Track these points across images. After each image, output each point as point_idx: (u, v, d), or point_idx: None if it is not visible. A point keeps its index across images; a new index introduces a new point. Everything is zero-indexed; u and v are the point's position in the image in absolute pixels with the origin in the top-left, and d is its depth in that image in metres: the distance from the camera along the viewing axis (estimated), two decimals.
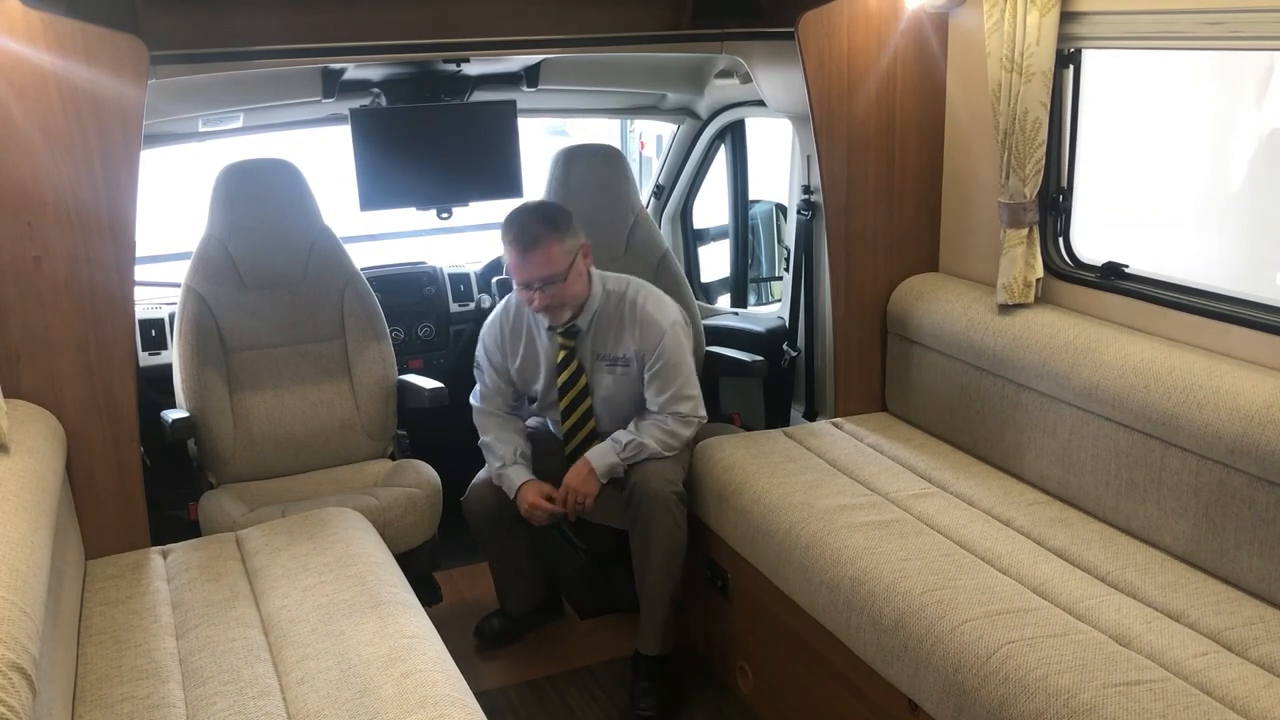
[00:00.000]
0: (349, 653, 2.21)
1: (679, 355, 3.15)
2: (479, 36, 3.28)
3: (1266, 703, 2.03)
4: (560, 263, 3.00)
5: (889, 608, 2.45)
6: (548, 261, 2.98)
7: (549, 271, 2.99)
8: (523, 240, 2.99)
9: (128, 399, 2.74)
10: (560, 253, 3.00)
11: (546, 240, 2.98)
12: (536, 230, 2.98)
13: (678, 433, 3.16)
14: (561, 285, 3.02)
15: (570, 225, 3.05)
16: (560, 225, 3.02)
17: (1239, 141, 3.38)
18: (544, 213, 3.08)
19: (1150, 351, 2.64)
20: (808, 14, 3.14)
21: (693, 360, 3.23)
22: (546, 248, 2.97)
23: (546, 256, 2.98)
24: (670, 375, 3.15)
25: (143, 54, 2.58)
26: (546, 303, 3.03)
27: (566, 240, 3.02)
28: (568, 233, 3.03)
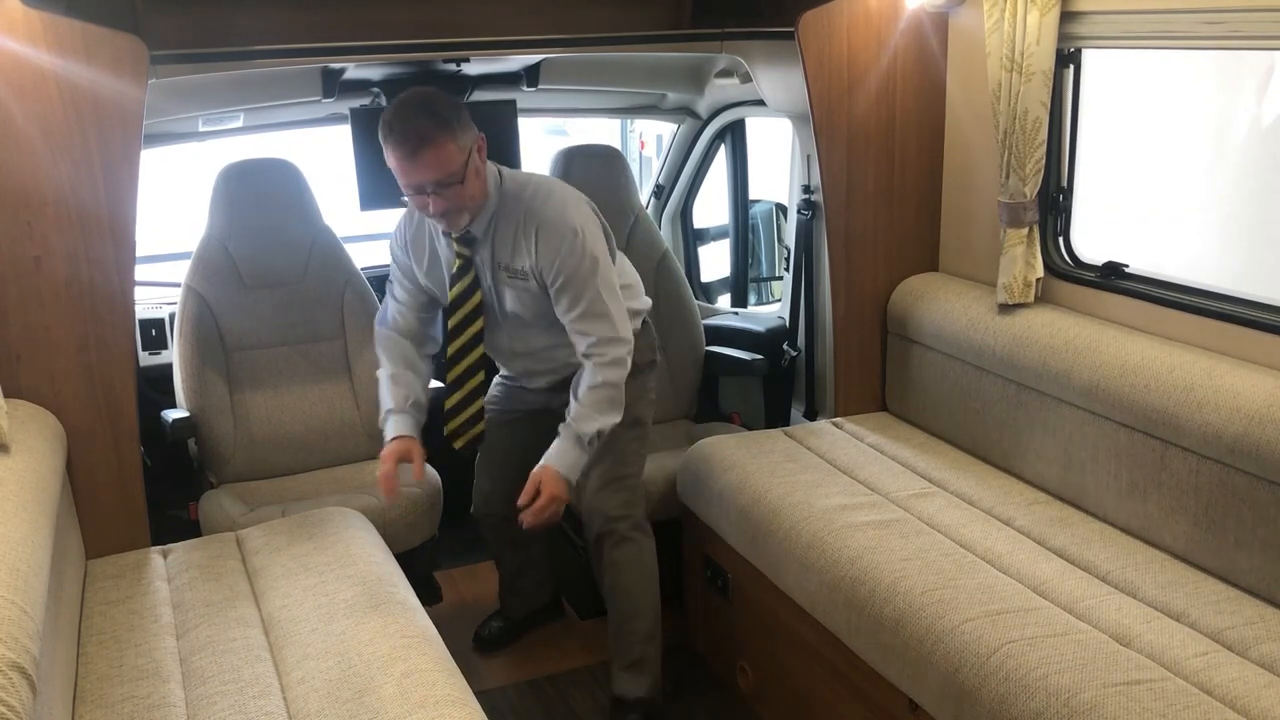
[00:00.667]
0: (349, 653, 2.21)
1: (583, 266, 2.69)
2: (479, 36, 3.28)
3: (1266, 702, 2.03)
4: (455, 161, 2.56)
5: (889, 607, 2.45)
6: (440, 162, 2.55)
7: (443, 173, 2.56)
8: (409, 140, 2.53)
9: (128, 399, 2.74)
10: (455, 150, 2.56)
11: (437, 138, 2.53)
12: (425, 128, 2.53)
13: (608, 379, 2.73)
14: (459, 187, 2.60)
15: (462, 117, 2.60)
16: (451, 119, 2.56)
17: (1239, 141, 3.38)
18: (431, 106, 2.57)
19: (1150, 351, 2.64)
20: (808, 14, 3.14)
21: (611, 271, 2.78)
22: (438, 146, 2.53)
23: (438, 156, 2.54)
24: (575, 293, 2.70)
25: (143, 54, 2.58)
26: (444, 208, 2.62)
27: (460, 135, 2.57)
28: (460, 126, 2.58)
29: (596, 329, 2.72)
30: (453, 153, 2.56)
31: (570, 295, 2.71)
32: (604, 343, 2.72)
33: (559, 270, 2.69)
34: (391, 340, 2.93)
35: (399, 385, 2.87)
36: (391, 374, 2.88)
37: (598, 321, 2.72)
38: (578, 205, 2.76)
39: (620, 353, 2.74)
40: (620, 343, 2.74)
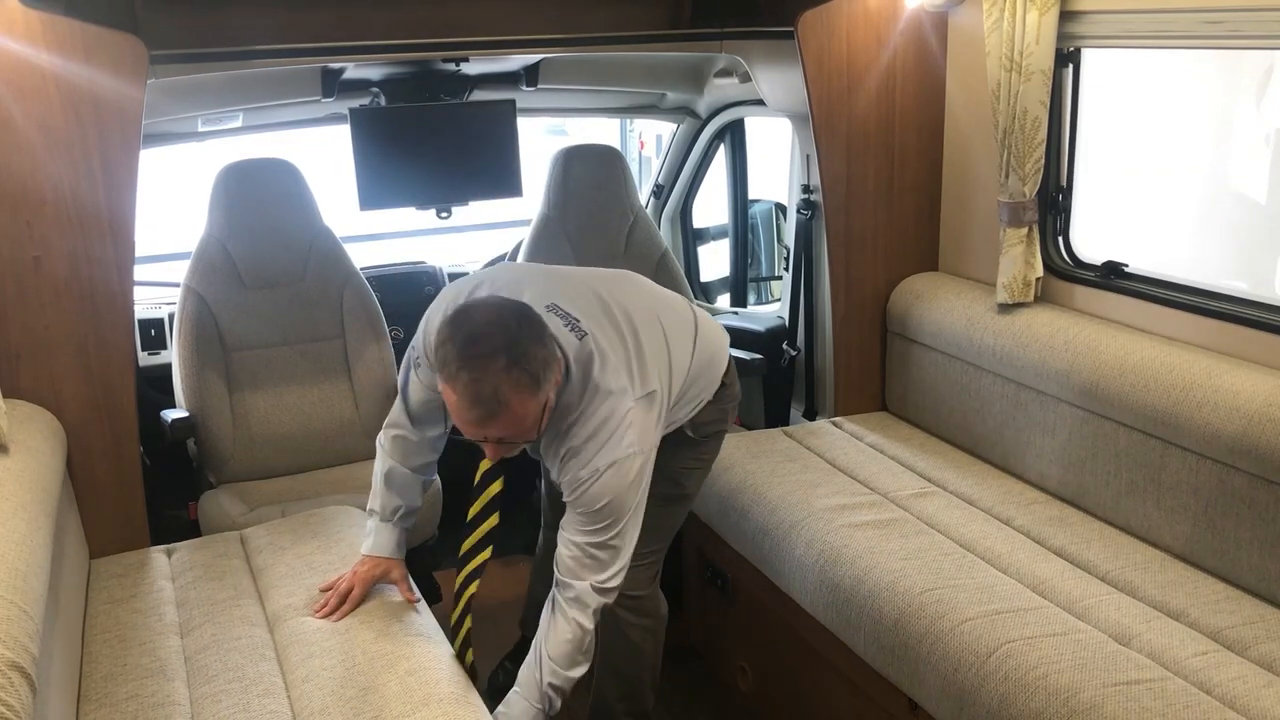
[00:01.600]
0: (353, 651, 2.21)
1: (604, 499, 2.14)
2: (478, 36, 3.28)
3: (1266, 702, 2.03)
4: (533, 416, 2.04)
5: (889, 607, 2.45)
6: (517, 423, 2.02)
7: (516, 433, 2.06)
8: (480, 405, 1.97)
9: (127, 399, 2.74)
10: (535, 407, 2.02)
11: (520, 402, 1.99)
12: (505, 391, 1.96)
13: (586, 640, 2.21)
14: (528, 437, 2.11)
15: (549, 362, 2.02)
16: (539, 372, 1.99)
17: (1239, 141, 3.38)
18: (517, 356, 1.97)
19: (1150, 350, 2.64)
20: (807, 13, 3.14)
21: (634, 498, 2.18)
22: (520, 410, 2.00)
23: (516, 419, 2.01)
24: (588, 516, 2.17)
25: (142, 53, 2.58)
26: (503, 455, 2.16)
27: (545, 385, 2.01)
28: (547, 374, 2.02)
29: (592, 574, 2.18)
30: (533, 411, 2.03)
31: (581, 515, 2.18)
32: (596, 591, 2.19)
33: (577, 496, 2.17)
34: (399, 437, 2.47)
35: (391, 489, 2.45)
36: (387, 471, 2.45)
37: (597, 568, 2.19)
38: (619, 439, 2.14)
39: (608, 602, 2.24)
40: (611, 593, 2.23)
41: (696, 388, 2.49)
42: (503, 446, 2.11)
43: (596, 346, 2.16)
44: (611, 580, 2.19)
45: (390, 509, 2.45)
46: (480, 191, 3.91)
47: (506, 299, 2.10)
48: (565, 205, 3.89)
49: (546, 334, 2.05)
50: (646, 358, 2.24)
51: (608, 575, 2.18)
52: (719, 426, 2.63)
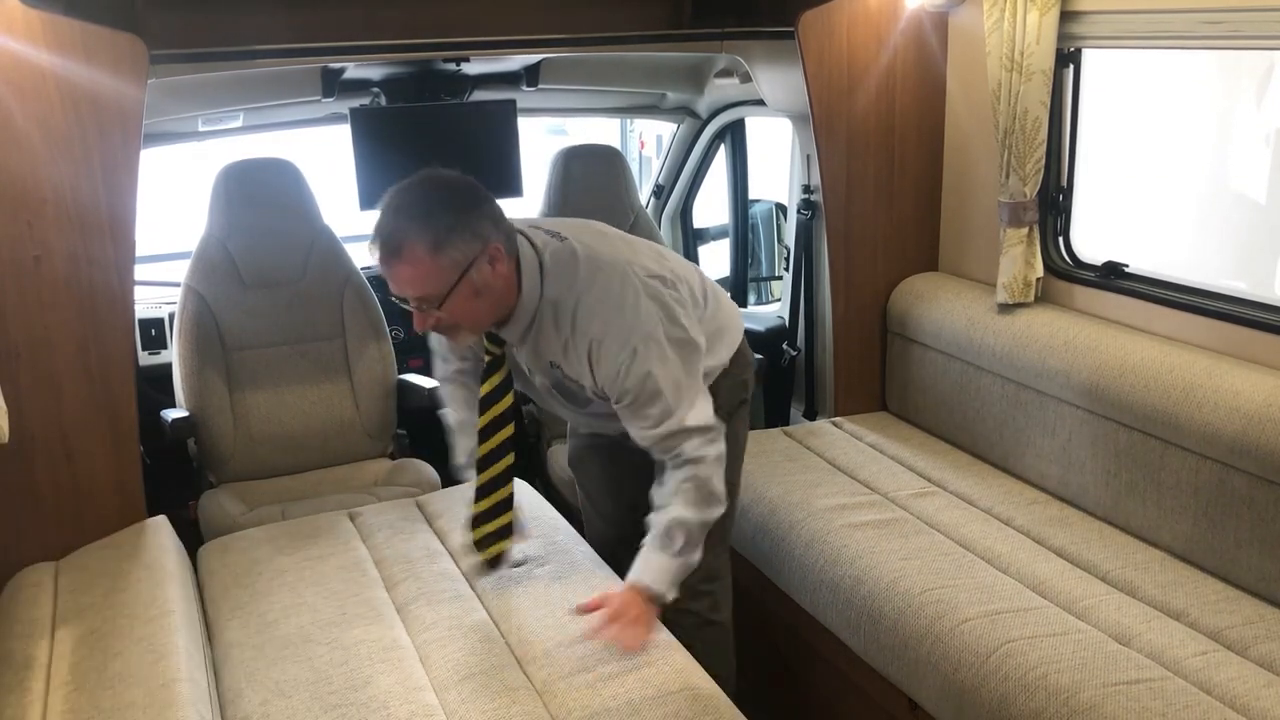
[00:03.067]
0: (554, 605, 2.34)
1: (649, 384, 2.14)
2: (479, 36, 3.28)
3: (1266, 701, 2.04)
4: (434, 281, 2.06)
5: (889, 607, 2.45)
6: (415, 280, 2.07)
7: (420, 292, 2.08)
8: (381, 244, 2.07)
9: (127, 398, 2.74)
10: (434, 269, 2.04)
11: (413, 251, 2.03)
12: (401, 234, 2.04)
13: (703, 483, 2.18)
14: (449, 306, 2.09)
15: (460, 224, 2.04)
16: (440, 227, 2.03)
17: (1239, 141, 3.38)
18: (423, 206, 2.06)
19: (1150, 351, 2.64)
20: (807, 13, 3.14)
21: (682, 370, 2.19)
22: (413, 262, 2.04)
23: (414, 274, 2.06)
24: (645, 408, 2.17)
25: (142, 53, 2.58)
26: (431, 325, 2.16)
27: (447, 249, 2.03)
28: (452, 238, 2.03)
29: (686, 446, 2.18)
30: (430, 272, 2.04)
31: (639, 415, 2.18)
32: (694, 458, 2.18)
33: (622, 394, 2.17)
34: (451, 381, 2.56)
35: (465, 436, 2.52)
36: (458, 421, 2.55)
37: (684, 439, 2.18)
38: (635, 308, 2.15)
39: (712, 462, 2.20)
40: (712, 457, 2.20)
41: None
42: (426, 319, 2.14)
43: (581, 243, 2.23)
44: (702, 445, 2.18)
45: (470, 452, 2.47)
46: None
47: (461, 175, 2.15)
48: (565, 205, 3.89)
49: (474, 213, 2.08)
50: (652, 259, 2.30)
51: (692, 442, 2.17)
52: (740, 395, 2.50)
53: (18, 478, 2.65)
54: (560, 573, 2.48)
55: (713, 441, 2.20)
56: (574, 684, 2.09)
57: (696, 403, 2.21)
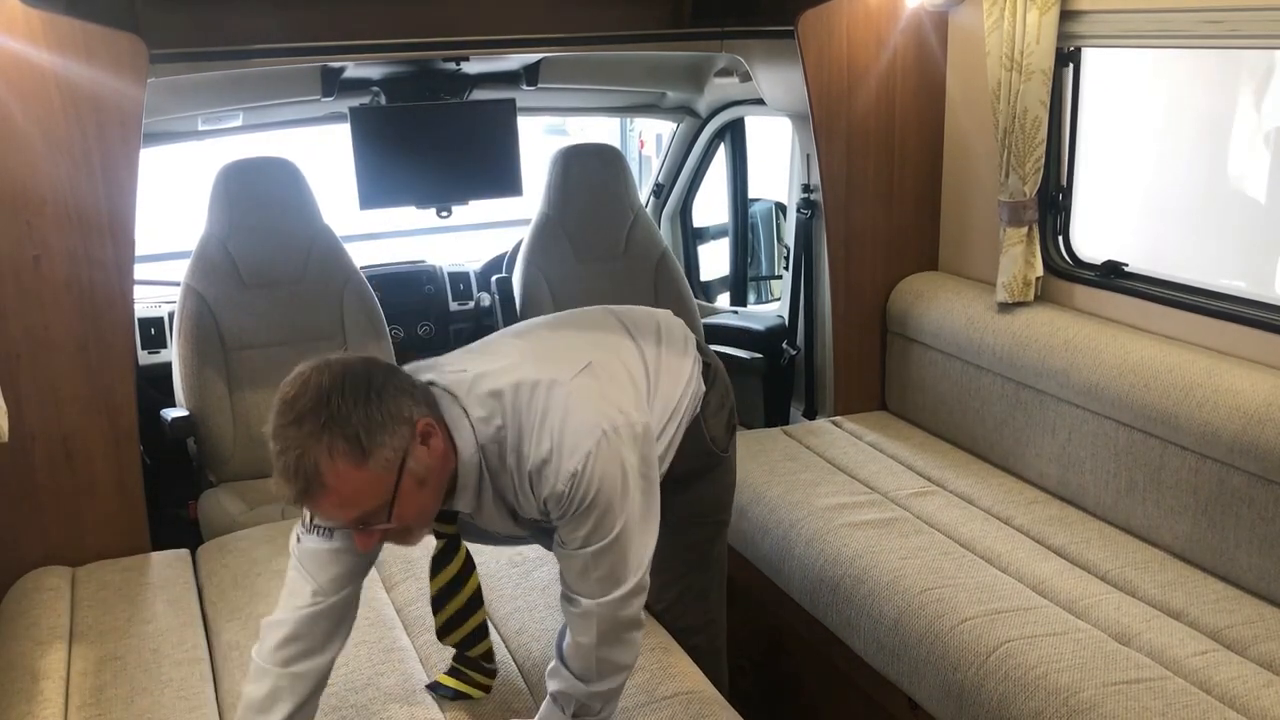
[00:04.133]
0: (553, 608, 2.33)
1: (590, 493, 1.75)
2: (478, 35, 3.28)
3: (1266, 701, 2.04)
4: (373, 494, 1.64)
5: (889, 606, 2.45)
6: (352, 500, 1.64)
7: (357, 512, 1.66)
8: (290, 480, 1.60)
9: (127, 398, 2.74)
10: (369, 481, 1.63)
11: (334, 470, 1.59)
12: (309, 456, 1.58)
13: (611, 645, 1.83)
14: (396, 514, 1.68)
15: (378, 414, 1.62)
16: (356, 428, 1.60)
17: (1239, 140, 3.38)
18: (320, 413, 1.60)
19: (1150, 350, 2.64)
20: (807, 12, 3.14)
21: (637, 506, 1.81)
22: (340, 482, 1.60)
23: (346, 494, 1.62)
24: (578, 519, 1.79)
25: (142, 53, 2.58)
26: (377, 541, 1.74)
27: (376, 451, 1.61)
28: (375, 435, 1.61)
29: (599, 590, 1.81)
30: (364, 486, 1.63)
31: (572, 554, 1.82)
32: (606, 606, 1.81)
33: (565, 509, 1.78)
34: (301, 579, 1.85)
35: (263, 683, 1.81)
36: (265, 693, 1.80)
37: (604, 584, 1.81)
38: (587, 417, 1.79)
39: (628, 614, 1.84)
40: (628, 600, 1.83)
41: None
42: (373, 533, 1.70)
43: (483, 371, 1.84)
44: (625, 599, 1.81)
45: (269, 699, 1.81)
46: (480, 191, 3.91)
47: (347, 356, 1.73)
48: (565, 204, 3.89)
49: (385, 391, 1.65)
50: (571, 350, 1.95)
51: (618, 594, 1.80)
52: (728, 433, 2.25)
53: (18, 478, 2.65)
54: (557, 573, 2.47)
55: (637, 596, 1.83)
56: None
57: (641, 561, 1.83)
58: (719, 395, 2.23)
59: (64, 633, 2.36)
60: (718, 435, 2.21)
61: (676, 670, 2.12)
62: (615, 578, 1.80)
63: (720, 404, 2.22)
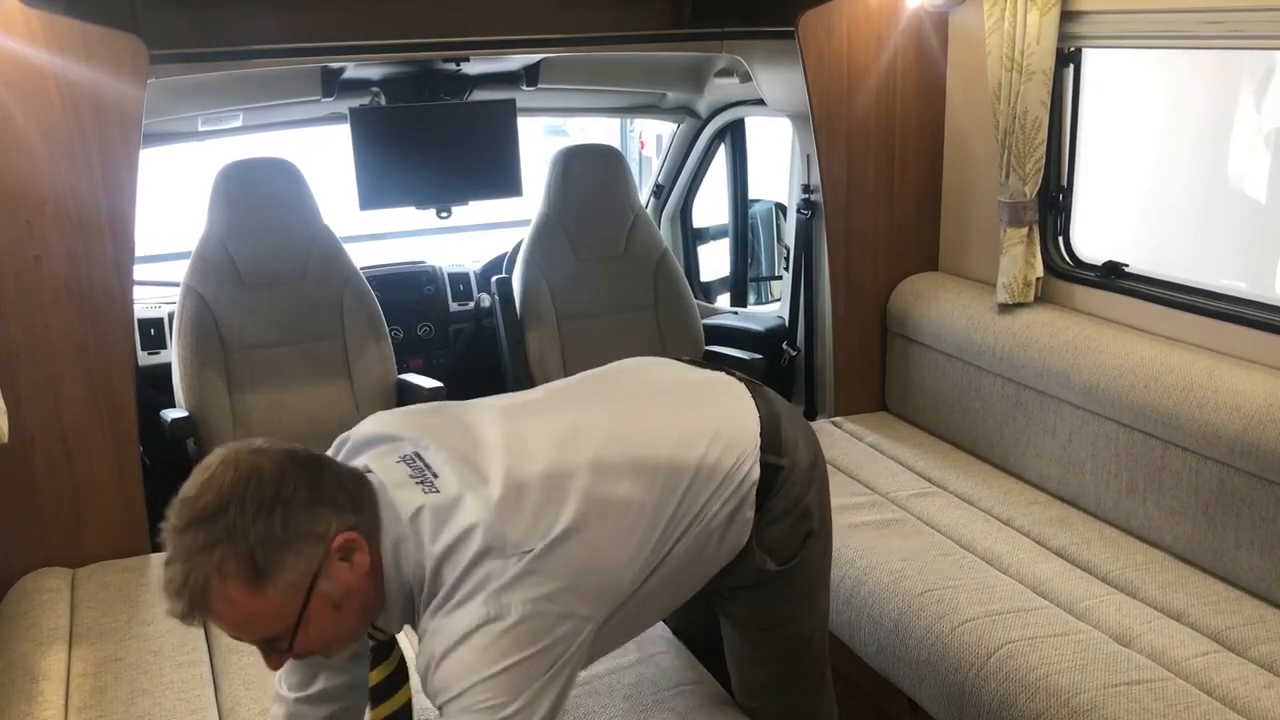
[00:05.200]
0: None
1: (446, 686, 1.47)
2: (478, 36, 3.28)
3: (1267, 702, 2.03)
4: (272, 619, 1.44)
5: (889, 607, 2.45)
6: (245, 623, 1.45)
7: (257, 635, 1.48)
8: (184, 598, 1.40)
9: (127, 399, 2.74)
10: (264, 606, 1.42)
11: (222, 592, 1.40)
12: (196, 574, 1.39)
13: None
14: (303, 637, 1.47)
15: (283, 530, 1.42)
16: (251, 546, 1.40)
17: (1239, 140, 3.38)
18: (214, 523, 1.41)
19: (1150, 351, 2.64)
20: (807, 13, 3.14)
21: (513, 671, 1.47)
22: (230, 605, 1.41)
23: (238, 616, 1.43)
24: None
25: (142, 53, 2.58)
26: (286, 660, 1.54)
27: (275, 573, 1.41)
28: (275, 555, 1.41)
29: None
30: (259, 611, 1.43)
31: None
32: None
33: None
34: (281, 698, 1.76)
35: None
36: None
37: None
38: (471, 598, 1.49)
39: None
40: None
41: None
42: (279, 657, 1.51)
43: (450, 496, 1.53)
44: None
45: None
46: (480, 191, 3.91)
47: (267, 450, 1.51)
48: (565, 205, 3.89)
49: (294, 501, 1.43)
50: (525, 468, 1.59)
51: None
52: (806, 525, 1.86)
53: (18, 478, 2.65)
54: None
55: None
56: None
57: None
58: (786, 500, 1.83)
59: (64, 634, 2.36)
60: (776, 547, 1.82)
61: (679, 665, 2.12)
62: None
63: (785, 510, 1.83)
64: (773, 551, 1.82)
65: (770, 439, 1.81)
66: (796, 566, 1.86)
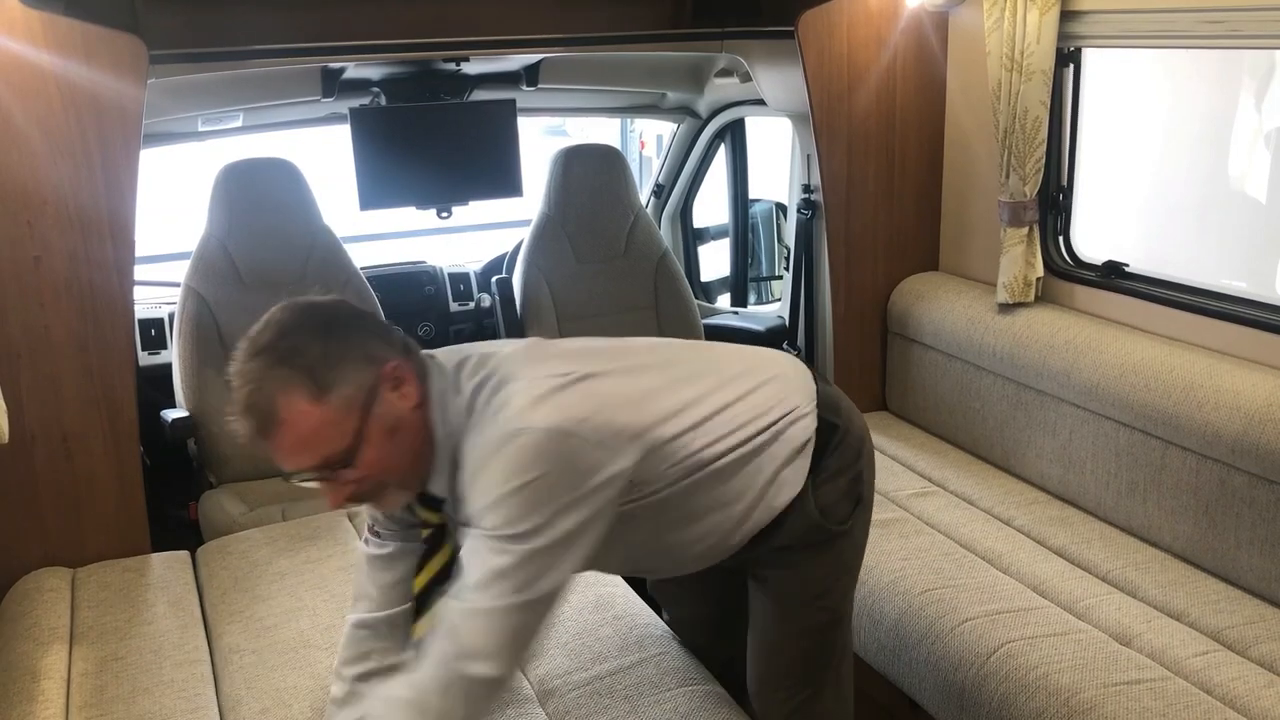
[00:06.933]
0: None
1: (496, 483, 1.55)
2: (478, 36, 3.28)
3: (1267, 702, 2.03)
4: (333, 434, 1.54)
5: (889, 607, 2.45)
6: (308, 439, 1.54)
7: (319, 455, 1.55)
8: (246, 415, 1.54)
9: (127, 399, 2.74)
10: (326, 419, 1.53)
11: (289, 403, 1.52)
12: (264, 389, 1.52)
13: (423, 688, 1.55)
14: (360, 460, 1.56)
15: (339, 350, 1.55)
16: (313, 361, 1.53)
17: (1239, 140, 3.38)
18: (278, 346, 1.55)
19: (1150, 350, 2.64)
20: (807, 13, 3.14)
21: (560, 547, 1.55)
22: (295, 417, 1.52)
23: (302, 431, 1.53)
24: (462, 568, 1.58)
25: (142, 53, 2.58)
26: (349, 495, 1.61)
27: (335, 387, 1.52)
28: (335, 369, 1.53)
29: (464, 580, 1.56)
30: (322, 424, 1.52)
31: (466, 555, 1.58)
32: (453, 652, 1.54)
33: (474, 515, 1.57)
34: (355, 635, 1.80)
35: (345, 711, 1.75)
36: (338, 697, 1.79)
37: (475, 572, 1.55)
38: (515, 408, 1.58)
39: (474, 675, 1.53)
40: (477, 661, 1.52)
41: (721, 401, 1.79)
42: (339, 486, 1.58)
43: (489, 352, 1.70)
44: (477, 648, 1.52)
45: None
46: (480, 191, 3.91)
47: (317, 296, 1.69)
48: (566, 205, 3.89)
49: (350, 329, 1.59)
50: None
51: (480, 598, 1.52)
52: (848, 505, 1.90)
53: (18, 477, 2.65)
54: None
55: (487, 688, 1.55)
56: (571, 682, 2.09)
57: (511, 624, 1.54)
58: (841, 460, 1.88)
59: (64, 633, 2.36)
60: (830, 506, 1.86)
61: (679, 664, 2.12)
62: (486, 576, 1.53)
63: (840, 469, 1.88)
64: (825, 511, 1.86)
65: (826, 401, 1.90)
66: (844, 534, 1.90)
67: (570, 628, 2.25)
